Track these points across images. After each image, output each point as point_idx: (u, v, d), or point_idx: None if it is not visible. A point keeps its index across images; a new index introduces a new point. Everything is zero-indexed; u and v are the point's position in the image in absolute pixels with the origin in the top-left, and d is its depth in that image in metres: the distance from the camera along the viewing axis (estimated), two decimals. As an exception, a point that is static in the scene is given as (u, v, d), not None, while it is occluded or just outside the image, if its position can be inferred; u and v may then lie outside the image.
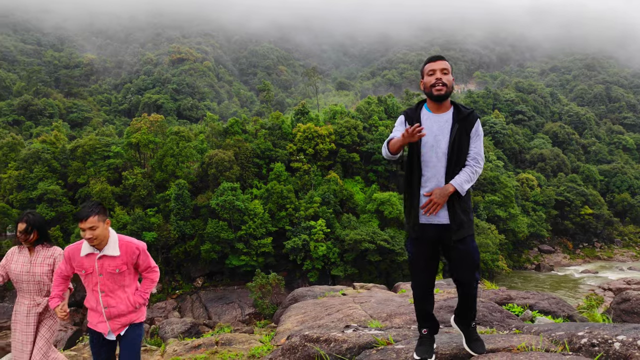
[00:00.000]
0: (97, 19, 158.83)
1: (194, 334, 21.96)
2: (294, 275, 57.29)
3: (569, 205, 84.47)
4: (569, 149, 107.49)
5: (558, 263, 75.23)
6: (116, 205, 57.57)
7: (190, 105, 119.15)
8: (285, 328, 6.71)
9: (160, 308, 50.82)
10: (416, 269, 4.40)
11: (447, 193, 4.13)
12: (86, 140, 63.36)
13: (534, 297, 7.50)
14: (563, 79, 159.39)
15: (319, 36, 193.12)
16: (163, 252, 56.36)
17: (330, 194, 60.14)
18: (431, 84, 4.30)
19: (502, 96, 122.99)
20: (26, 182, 57.07)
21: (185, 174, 61.94)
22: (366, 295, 8.27)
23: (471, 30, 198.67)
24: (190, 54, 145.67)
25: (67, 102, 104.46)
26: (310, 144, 66.82)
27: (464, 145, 4.26)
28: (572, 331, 4.15)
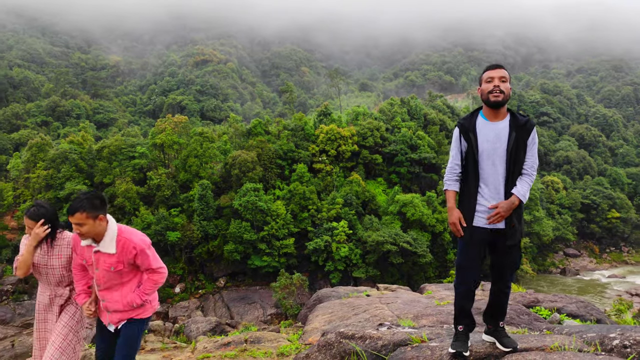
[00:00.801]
0: (122, 21, 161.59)
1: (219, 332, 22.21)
2: (315, 277, 57.42)
3: (596, 209, 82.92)
4: (595, 152, 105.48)
5: (584, 267, 73.90)
6: (141, 205, 58.48)
7: (213, 107, 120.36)
8: (312, 327, 6.81)
9: (183, 307, 51.44)
10: (464, 268, 4.52)
11: (513, 206, 4.30)
12: (112, 140, 64.52)
13: (561, 300, 7.47)
14: (590, 80, 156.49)
15: (341, 37, 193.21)
16: (186, 251, 57.06)
17: (353, 196, 60.14)
18: (489, 90, 4.42)
19: (527, 98, 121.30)
20: (54, 182, 58.39)
21: (209, 174, 62.62)
22: (392, 296, 8.32)
23: (494, 31, 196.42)
24: (213, 55, 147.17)
25: (94, 103, 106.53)
26: (332, 145, 66.93)
27: (521, 153, 4.39)
28: (603, 333, 4.17)
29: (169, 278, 55.56)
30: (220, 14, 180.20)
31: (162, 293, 53.74)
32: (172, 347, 7.66)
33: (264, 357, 6.47)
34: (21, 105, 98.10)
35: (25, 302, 49.50)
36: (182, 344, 8.19)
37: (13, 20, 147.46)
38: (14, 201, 60.17)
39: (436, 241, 59.06)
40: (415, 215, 58.17)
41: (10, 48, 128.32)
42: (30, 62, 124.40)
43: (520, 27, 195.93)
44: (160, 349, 7.70)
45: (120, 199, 57.72)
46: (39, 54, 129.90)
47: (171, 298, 53.81)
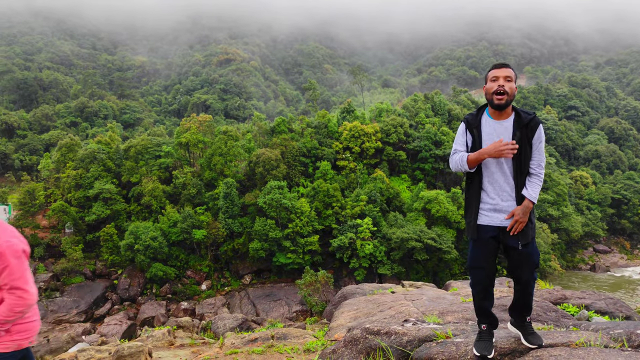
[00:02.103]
0: (147, 23, 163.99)
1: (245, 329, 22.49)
2: (340, 274, 57.47)
3: (627, 204, 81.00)
4: (626, 145, 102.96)
5: (615, 264, 72.29)
6: (167, 203, 59.39)
7: (237, 105, 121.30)
8: (338, 324, 6.88)
9: (209, 304, 52.09)
10: (475, 267, 4.52)
11: (528, 210, 4.30)
12: (138, 140, 65.62)
13: (590, 297, 7.38)
14: (619, 72, 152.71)
15: (363, 34, 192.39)
16: (212, 249, 57.76)
17: (377, 192, 59.97)
18: (493, 90, 4.41)
19: (554, 91, 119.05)
20: (83, 181, 59.73)
21: (233, 172, 63.20)
22: (417, 293, 8.34)
23: (519, 24, 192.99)
24: (237, 54, 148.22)
25: (120, 104, 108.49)
26: (356, 142, 66.83)
27: (526, 152, 4.37)
28: (631, 329, 4.14)
29: (195, 275, 56.40)
30: (241, 13, 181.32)
31: (189, 290, 54.59)
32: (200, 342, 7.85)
33: (290, 352, 6.58)
34: (51, 107, 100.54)
35: (57, 299, 50.85)
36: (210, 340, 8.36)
37: (41, 23, 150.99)
38: (45, 200, 61.75)
39: (461, 237, 58.49)
40: (440, 211, 57.70)
41: (40, 51, 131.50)
42: (58, 64, 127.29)
43: (545, 20, 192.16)
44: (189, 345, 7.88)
45: (147, 197, 58.71)
46: (67, 56, 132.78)
47: (198, 295, 54.57)
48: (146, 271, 53.37)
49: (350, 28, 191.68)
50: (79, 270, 53.95)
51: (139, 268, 54.08)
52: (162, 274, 52.97)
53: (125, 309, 51.53)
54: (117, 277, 55.02)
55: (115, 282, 54.43)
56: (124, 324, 45.71)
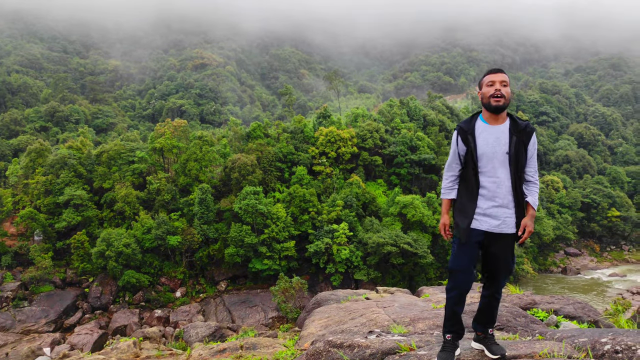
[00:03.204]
0: (120, 26, 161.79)
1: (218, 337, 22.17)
2: (316, 279, 57.35)
3: (596, 208, 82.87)
4: (595, 150, 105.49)
5: (585, 266, 73.80)
6: (141, 209, 58.47)
7: (213, 110, 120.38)
8: (309, 332, 6.78)
9: (184, 312, 51.38)
10: (459, 271, 4.52)
11: (534, 218, 4.43)
12: (111, 145, 64.51)
13: (558, 301, 7.43)
14: (588, 79, 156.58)
15: (339, 39, 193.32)
16: (187, 256, 57.03)
17: (353, 197, 60.09)
18: (490, 94, 4.45)
19: (526, 97, 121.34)
20: (53, 187, 58.39)
21: (209, 178, 62.61)
22: (389, 300, 8.29)
23: (493, 32, 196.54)
24: (212, 59, 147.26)
25: (92, 108, 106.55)
26: (332, 147, 66.92)
27: (521, 157, 4.43)
28: (595, 337, 4.14)
29: (169, 282, 55.61)
30: (216, 18, 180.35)
31: (163, 298, 53.74)
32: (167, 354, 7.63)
33: (259, 363, 6.44)
34: (20, 111, 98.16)
35: (25, 308, 49.51)
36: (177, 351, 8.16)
37: (10, 26, 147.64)
38: (13, 207, 60.16)
39: (437, 242, 58.99)
40: (416, 216, 58.11)
41: (8, 54, 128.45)
42: (28, 67, 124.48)
43: (519, 27, 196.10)
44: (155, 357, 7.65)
45: (120, 203, 57.69)
46: (37, 60, 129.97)
47: (172, 303, 53.76)
48: (118, 279, 52.36)
49: (326, 33, 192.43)
50: (49, 278, 52.64)
51: (111, 276, 53.04)
52: (135, 282, 52.04)
53: (97, 318, 50.42)
54: (88, 285, 53.83)
55: (87, 291, 53.25)
56: (95, 333, 44.71)
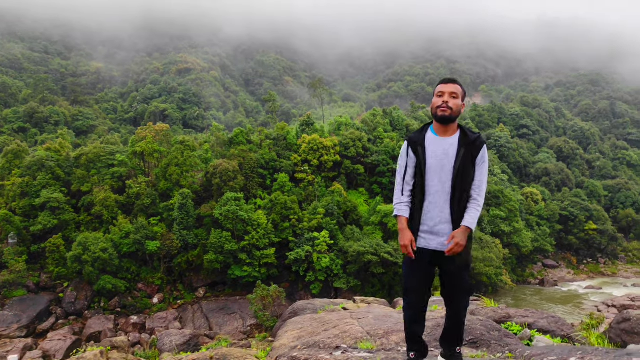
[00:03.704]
0: (104, 28, 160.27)
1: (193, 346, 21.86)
2: (296, 287, 57.09)
3: (573, 221, 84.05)
4: (573, 164, 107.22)
5: (562, 278, 74.70)
6: (119, 213, 57.65)
7: (196, 115, 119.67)
8: (281, 344, 6.67)
9: (161, 318, 50.65)
10: (410, 291, 4.40)
11: (467, 234, 4.19)
12: (91, 148, 63.61)
13: (533, 315, 7.43)
14: (568, 94, 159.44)
15: (325, 48, 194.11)
16: (165, 261, 56.33)
17: (334, 206, 60.07)
18: (437, 105, 4.32)
19: (508, 110, 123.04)
20: (29, 190, 57.27)
21: (190, 183, 62.06)
22: (364, 311, 8.22)
23: (476, 45, 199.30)
24: (196, 63, 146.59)
25: (73, 110, 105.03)
26: (315, 155, 66.91)
27: (468, 171, 4.25)
28: (564, 356, 4.11)
29: (146, 288, 54.84)
30: (201, 23, 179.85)
31: (139, 304, 52.93)
32: (137, 363, 7.43)
33: (230, 374, 6.30)
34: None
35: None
36: (147, 361, 7.96)
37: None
38: (-12, 209, 58.80)
39: (417, 252, 59.10)
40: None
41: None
42: (8, 67, 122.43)
43: (499, 41, 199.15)
44: (123, 366, 7.45)
45: (98, 207, 56.82)
46: (18, 60, 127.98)
47: (149, 309, 52.96)
48: (94, 284, 51.45)
49: (310, 41, 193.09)
50: (22, 282, 51.46)
51: (86, 281, 52.08)
52: (111, 287, 51.18)
53: (71, 323, 49.44)
54: (63, 290, 52.74)
55: (61, 296, 52.17)
56: (68, 339, 43.79)
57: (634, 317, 8.05)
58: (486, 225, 69.65)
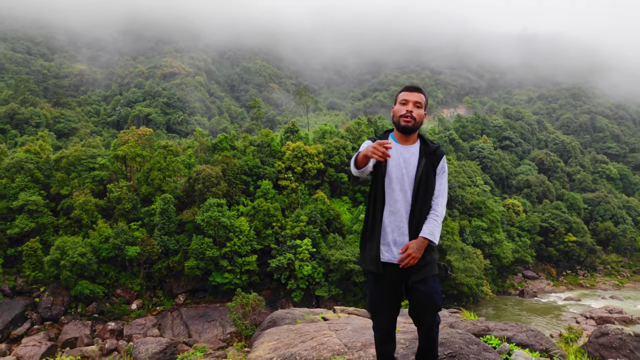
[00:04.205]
0: (89, 30, 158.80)
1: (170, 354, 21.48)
2: (278, 294, 56.73)
3: (553, 232, 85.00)
4: (554, 177, 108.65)
5: (542, 289, 75.37)
6: (99, 217, 56.82)
7: (180, 120, 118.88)
8: (257, 355, 6.52)
9: (139, 325, 49.87)
10: (377, 309, 4.18)
11: (423, 246, 4.00)
12: (71, 151, 62.71)
13: (512, 328, 7.39)
14: (549, 107, 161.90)
15: (310, 56, 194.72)
16: (145, 267, 55.57)
17: (317, 214, 59.97)
18: (400, 114, 4.17)
19: (491, 122, 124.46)
20: (7, 192, 56.16)
21: (172, 188, 61.48)
22: (343, 322, 8.11)
23: (458, 56, 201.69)
24: (182, 68, 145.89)
25: (55, 112, 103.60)
26: (298, 163, 66.81)
27: (430, 180, 4.12)
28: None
29: (125, 294, 54.03)
30: (188, 28, 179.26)
31: (117, 310, 52.09)
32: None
33: (203, 386, 6.14)
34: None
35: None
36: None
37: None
38: (-36, 211, 57.49)
39: (399, 261, 59.21)
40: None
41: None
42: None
43: (484, 53, 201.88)
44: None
45: (77, 211, 55.94)
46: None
47: (127, 315, 52.13)
48: (72, 289, 50.53)
49: (297, 49, 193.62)
50: (-3, 286, 50.36)
51: (64, 285, 51.12)
52: (89, 292, 50.31)
53: (46, 329, 48.40)
54: (39, 294, 51.65)
55: (37, 300, 51.07)
56: (43, 345, 42.85)
57: (611, 332, 8.07)
58: (468, 235, 70.10)
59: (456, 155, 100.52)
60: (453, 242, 62.59)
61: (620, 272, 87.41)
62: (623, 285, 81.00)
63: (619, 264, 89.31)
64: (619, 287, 79.63)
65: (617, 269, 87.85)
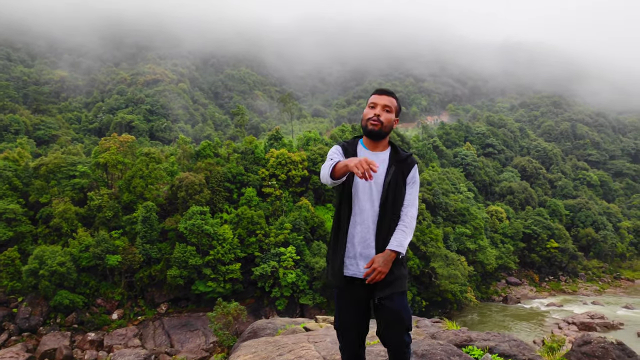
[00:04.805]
0: (70, 36, 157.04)
1: (148, 366, 21.05)
2: (261, 303, 56.23)
3: (536, 239, 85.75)
4: (536, 183, 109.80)
5: (525, 296, 75.88)
6: (79, 226, 55.87)
7: (163, 127, 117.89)
8: (232, 369, 6.29)
9: (120, 335, 49.02)
10: (344, 329, 3.90)
11: (391, 259, 3.72)
12: (51, 158, 61.70)
13: (494, 338, 7.26)
14: (531, 115, 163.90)
15: (296, 63, 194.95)
16: (126, 276, 54.71)
17: (301, 221, 59.69)
18: (368, 117, 3.93)
19: (474, 129, 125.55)
20: (-15, 200, 55.03)
21: (154, 196, 60.75)
22: (322, 334, 7.91)
23: (445, 64, 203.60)
24: (165, 75, 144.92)
25: (35, 119, 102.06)
26: (282, 170, 66.53)
27: (399, 189, 3.89)
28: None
29: (105, 304, 53.10)
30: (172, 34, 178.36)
31: (98, 320, 51.15)
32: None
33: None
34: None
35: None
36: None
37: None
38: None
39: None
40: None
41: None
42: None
43: (467, 61, 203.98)
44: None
45: (57, 219, 54.95)
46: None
47: (108, 325, 51.20)
48: (50, 299, 49.50)
49: (281, 56, 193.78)
50: (-27, 297, 49.17)
51: (42, 295, 50.06)
52: (68, 302, 49.33)
53: (24, 340, 47.33)
54: (17, 305, 50.49)
55: (15, 311, 49.91)
56: (21, 357, 41.92)
57: (594, 340, 7.98)
58: (452, 242, 70.38)
59: (440, 162, 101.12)
60: (437, 249, 62.73)
61: (601, 277, 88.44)
62: (604, 290, 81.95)
63: (600, 269, 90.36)
64: (600, 292, 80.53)
65: (598, 275, 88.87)
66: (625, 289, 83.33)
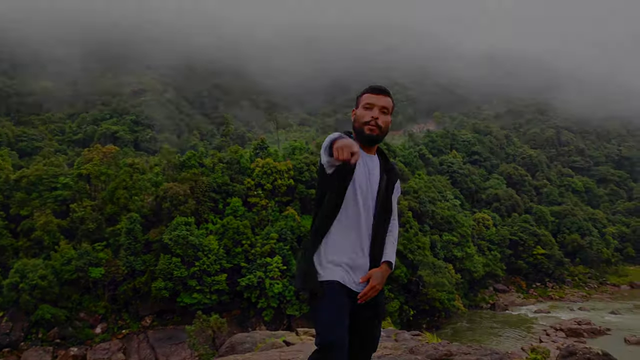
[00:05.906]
0: (53, 47, 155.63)
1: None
2: (248, 314, 55.58)
3: (522, 245, 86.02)
4: (522, 190, 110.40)
5: (512, 302, 75.94)
6: (62, 238, 54.88)
7: (149, 137, 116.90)
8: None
9: (104, 349, 48.11)
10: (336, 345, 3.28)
11: (386, 275, 3.43)
12: (32, 170, 60.72)
13: (475, 352, 6.97)
14: (517, 122, 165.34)
15: (282, 72, 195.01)
16: (110, 289, 53.75)
17: (288, 231, 59.24)
18: (364, 120, 3.56)
19: (460, 137, 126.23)
20: (-35, 213, 53.94)
21: (138, 207, 59.93)
22: (296, 350, 7.58)
23: (431, 73, 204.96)
24: (150, 85, 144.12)
25: (17, 131, 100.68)
26: (268, 179, 66.04)
27: (389, 198, 3.57)
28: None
29: (88, 318, 52.11)
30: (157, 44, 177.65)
31: (80, 334, 50.16)
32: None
33: None
34: None
35: None
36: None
37: None
38: None
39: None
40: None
41: None
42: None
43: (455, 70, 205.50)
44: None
45: (38, 232, 53.97)
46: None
47: (91, 339, 50.22)
48: (32, 314, 48.44)
49: (268, 66, 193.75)
50: (-49, 313, 47.97)
51: (23, 310, 48.98)
52: (50, 317, 48.30)
53: (5, 356, 46.27)
54: (-3, 320, 49.37)
55: (-6, 326, 48.79)
56: None
57: (579, 351, 7.73)
58: (439, 250, 70.28)
59: (426, 170, 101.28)
60: (424, 257, 62.58)
61: (587, 283, 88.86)
62: (590, 296, 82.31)
63: (586, 275, 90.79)
64: (587, 298, 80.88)
65: (584, 281, 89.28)
66: (612, 294, 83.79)
